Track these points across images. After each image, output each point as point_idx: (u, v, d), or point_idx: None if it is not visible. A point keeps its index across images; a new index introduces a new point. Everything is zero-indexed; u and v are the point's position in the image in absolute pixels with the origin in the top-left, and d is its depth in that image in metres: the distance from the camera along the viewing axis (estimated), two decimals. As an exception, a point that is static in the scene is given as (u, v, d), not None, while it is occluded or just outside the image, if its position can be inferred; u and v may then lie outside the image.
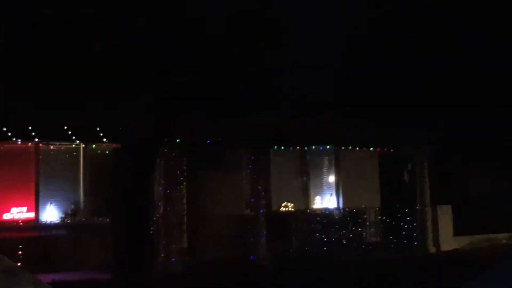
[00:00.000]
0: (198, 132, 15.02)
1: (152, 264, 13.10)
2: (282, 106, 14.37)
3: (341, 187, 18.16)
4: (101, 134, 14.08)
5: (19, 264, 13.68)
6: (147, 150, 10.24)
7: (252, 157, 15.79)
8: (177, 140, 14.74)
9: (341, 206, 18.07)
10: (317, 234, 16.94)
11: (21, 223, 14.29)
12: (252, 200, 15.78)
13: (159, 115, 10.27)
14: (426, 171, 17.86)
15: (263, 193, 15.85)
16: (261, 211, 15.65)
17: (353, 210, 17.70)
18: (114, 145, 14.64)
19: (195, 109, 12.79)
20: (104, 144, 14.89)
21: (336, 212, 17.78)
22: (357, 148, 18.23)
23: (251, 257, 15.33)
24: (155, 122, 10.12)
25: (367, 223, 17.80)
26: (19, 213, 14.49)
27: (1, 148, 14.39)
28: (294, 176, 17.95)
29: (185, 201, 15.59)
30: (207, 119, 14.06)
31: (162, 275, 13.02)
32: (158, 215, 14.78)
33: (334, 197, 18.14)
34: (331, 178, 18.25)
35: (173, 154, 14.76)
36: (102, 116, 13.51)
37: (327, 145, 18.00)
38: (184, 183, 15.44)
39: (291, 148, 17.79)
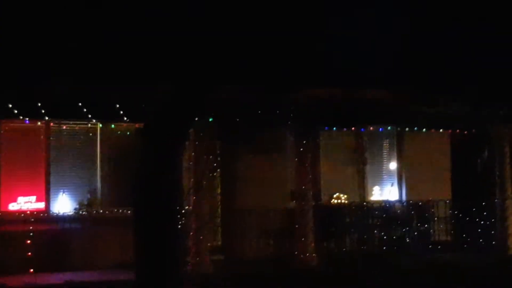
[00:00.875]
0: (234, 110, 14.96)
1: (181, 264, 13.17)
2: (334, 79, 14.16)
3: (404, 176, 17.99)
4: (121, 112, 14.15)
5: (27, 262, 13.96)
6: (174, 131, 10.18)
7: (298, 140, 15.67)
8: (210, 120, 14.74)
9: (404, 198, 17.90)
10: (375, 231, 16.83)
11: (30, 215, 14.51)
12: (298, 190, 15.69)
13: (188, 89, 10.20)
14: (507, 158, 17.47)
15: (311, 182, 15.75)
16: (308, 203, 15.55)
17: (418, 203, 17.52)
18: (136, 125, 14.72)
19: (230, 82, 12.71)
20: (124, 124, 14.99)
21: (398, 205, 17.62)
22: (424, 130, 17.97)
23: (297, 256, 15.28)
24: (183, 98, 10.06)
25: (435, 219, 17.60)
26: (27, 203, 14.71)
27: (6, 128, 14.59)
28: (348, 162, 17.80)
29: (218, 191, 15.64)
30: (245, 94, 13.97)
31: (192, 276, 13.08)
32: (187, 207, 14.87)
33: (395, 188, 17.97)
34: (392, 165, 18.07)
35: (205, 136, 14.77)
36: (122, 91, 13.54)
37: (388, 126, 17.79)
38: (218, 170, 15.47)
39: (344, 128, 17.62)
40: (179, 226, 13.93)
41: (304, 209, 15.53)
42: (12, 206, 14.59)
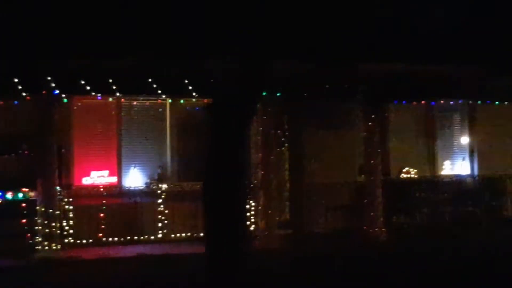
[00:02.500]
0: (302, 84, 14.86)
1: (250, 238, 13.24)
2: (404, 50, 13.89)
3: (476, 150, 17.59)
4: (190, 88, 14.24)
5: (100, 235, 14.31)
6: (242, 106, 10.17)
7: (367, 114, 15.47)
8: (277, 94, 14.69)
9: (475, 172, 17.52)
10: (446, 206, 16.54)
11: (102, 189, 14.81)
12: (366, 165, 15.53)
13: (255, 64, 10.16)
14: None
15: (380, 156, 15.56)
16: (377, 178, 15.38)
17: (490, 178, 17.11)
18: (205, 100, 14.78)
19: (298, 56, 12.62)
20: (193, 99, 15.09)
21: (469, 180, 17.28)
22: (496, 103, 17.50)
23: (365, 231, 15.17)
24: (250, 73, 10.02)
25: (508, 194, 17.17)
26: (99, 177, 15.01)
27: (79, 104, 14.86)
28: (417, 136, 17.50)
29: (286, 165, 15.61)
30: (312, 67, 13.85)
31: (261, 250, 13.14)
32: (256, 182, 14.91)
33: (467, 162, 17.60)
34: (464, 139, 17.69)
35: (273, 110, 14.74)
36: (190, 67, 13.61)
37: (459, 99, 17.39)
38: (286, 144, 15.43)
39: (414, 102, 17.30)
40: (248, 201, 14.04)
41: (373, 184, 15.37)
42: (86, 181, 14.90)
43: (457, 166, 17.63)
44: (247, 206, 13.63)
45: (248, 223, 13.34)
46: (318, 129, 16.05)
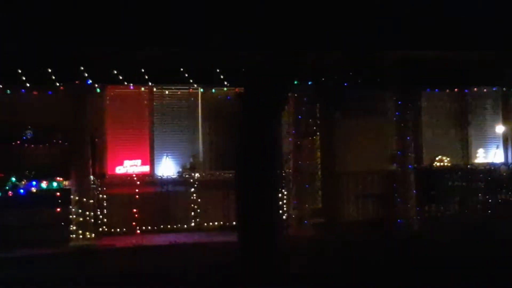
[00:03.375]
0: (334, 72, 14.78)
1: (282, 227, 13.24)
2: (436, 37, 13.70)
3: (510, 138, 17.35)
4: (222, 77, 14.23)
5: (134, 223, 14.42)
6: (273, 95, 10.14)
7: (399, 101, 15.32)
8: (309, 83, 14.63)
9: (509, 161, 17.31)
10: (480, 195, 16.36)
11: (135, 178, 14.90)
12: (399, 153, 15.40)
13: (287, 52, 10.11)
14: None
15: (412, 144, 15.42)
16: (410, 166, 15.25)
17: (525, 166, 16.91)
18: (236, 90, 14.77)
19: (329, 44, 12.51)
20: (224, 88, 15.08)
21: (503, 168, 17.04)
22: (532, 90, 17.26)
23: (398, 220, 15.06)
24: (282, 62, 9.98)
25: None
26: (132, 166, 15.10)
27: (112, 93, 14.94)
28: (450, 124, 17.31)
29: (318, 154, 15.57)
30: (344, 55, 13.74)
31: (293, 238, 13.13)
32: (288, 170, 14.89)
33: (501, 150, 17.38)
34: (498, 127, 17.46)
35: (304, 99, 14.69)
36: (222, 56, 13.60)
37: (493, 86, 17.15)
38: (318, 133, 15.38)
39: (447, 90, 17.10)
40: (280, 190, 14.02)
41: (405, 172, 15.24)
42: (119, 170, 15.01)
43: (491, 154, 17.40)
44: (279, 195, 13.60)
45: (280, 211, 13.31)
46: (350, 118, 15.95)
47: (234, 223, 12.84)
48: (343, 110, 15.87)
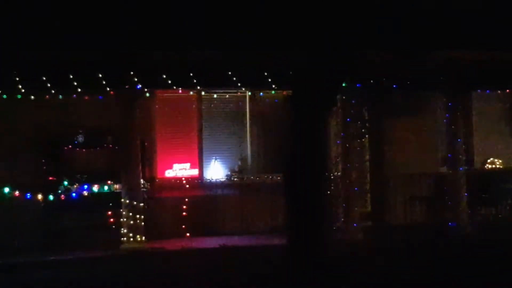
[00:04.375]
0: (382, 74, 14.64)
1: (331, 230, 13.18)
2: (488, 37, 13.47)
3: None
4: (269, 80, 14.23)
5: (183, 226, 14.51)
6: (321, 97, 10.10)
7: (449, 103, 15.10)
8: (358, 85, 14.53)
9: None
10: (533, 198, 16.05)
11: (184, 181, 15.00)
12: (449, 155, 15.17)
13: (335, 54, 10.06)
14: None
15: (463, 146, 15.17)
16: (461, 168, 15.01)
17: None
18: (284, 92, 14.78)
19: (377, 45, 12.41)
20: (272, 91, 15.08)
21: (558, 170, 16.67)
22: None
23: (449, 223, 14.84)
24: (331, 64, 9.93)
25: None
26: (181, 170, 15.20)
27: (161, 97, 15.08)
28: (502, 125, 17.00)
29: (367, 156, 15.45)
30: (393, 56, 13.61)
31: (342, 242, 13.04)
32: (336, 173, 14.82)
33: (556, 152, 17.01)
34: (554, 128, 17.10)
35: (353, 101, 14.60)
36: (270, 59, 13.59)
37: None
38: (366, 135, 15.27)
39: (498, 90, 16.79)
40: (328, 193, 13.95)
41: (456, 175, 14.99)
42: (168, 173, 15.12)
43: (546, 156, 17.05)
44: (328, 198, 13.54)
45: (329, 215, 13.24)
46: (399, 119, 15.81)
47: (282, 226, 12.82)
48: (392, 112, 15.73)
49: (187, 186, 14.90)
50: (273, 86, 14.36)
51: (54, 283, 10.94)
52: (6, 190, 13.52)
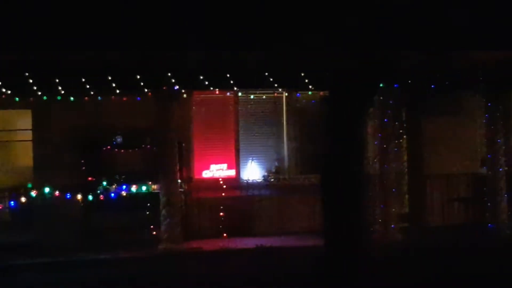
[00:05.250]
0: (420, 74, 14.51)
1: (369, 231, 13.10)
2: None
3: None
4: (306, 81, 14.20)
5: (220, 227, 14.56)
6: (359, 98, 10.05)
7: (489, 103, 14.92)
8: (395, 85, 14.43)
9: None
10: None
11: (221, 182, 15.05)
12: (489, 156, 14.98)
13: (371, 55, 10.00)
14: None
15: (503, 147, 14.97)
16: (500, 169, 14.82)
17: None
18: (321, 93, 14.74)
19: (414, 45, 12.32)
20: (309, 92, 15.06)
21: None
22: None
23: (489, 225, 14.65)
24: (368, 64, 9.88)
25: None
26: (218, 170, 15.28)
27: (198, 99, 15.17)
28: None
29: (405, 157, 15.33)
30: (431, 56, 13.48)
31: (380, 243, 12.97)
32: (374, 174, 14.72)
33: None
34: None
35: (390, 102, 14.50)
36: (307, 60, 13.56)
37: None
38: (404, 136, 15.15)
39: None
40: (366, 193, 13.87)
41: (496, 175, 14.80)
42: (205, 174, 15.21)
43: None
44: (365, 199, 13.46)
45: (366, 216, 13.17)
46: (438, 120, 15.68)
47: (319, 227, 12.78)
48: (430, 112, 15.60)
49: (224, 186, 14.95)
50: (310, 86, 14.32)
51: (93, 283, 11.08)
52: (47, 190, 13.71)
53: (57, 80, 13.02)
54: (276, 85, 14.12)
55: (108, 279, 11.17)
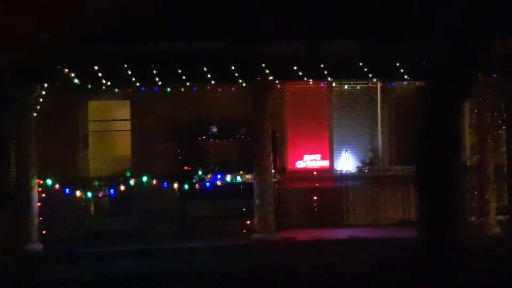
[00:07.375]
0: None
1: (465, 224, 12.85)
2: None
3: None
4: (401, 71, 14.03)
5: (313, 217, 14.57)
6: (456, 88, 9.85)
7: None
8: (494, 75, 14.05)
9: None
10: None
11: (315, 172, 15.09)
12: None
13: (469, 44, 9.78)
14: None
15: None
16: None
17: None
18: (416, 83, 14.52)
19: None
20: (404, 82, 14.86)
21: None
22: None
23: None
24: (464, 54, 9.66)
25: None
26: (312, 161, 15.31)
27: (292, 89, 15.24)
28: None
29: (504, 149, 14.92)
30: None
31: (477, 236, 12.71)
32: (471, 165, 14.41)
33: None
34: None
35: (489, 92, 14.15)
36: (402, 50, 13.38)
37: None
38: (503, 127, 14.76)
39: None
40: (463, 185, 13.59)
41: None
42: (299, 164, 15.28)
43: None
44: (462, 190, 13.20)
45: (463, 208, 12.91)
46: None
47: (413, 219, 12.64)
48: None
49: (317, 177, 14.97)
50: (405, 77, 14.13)
51: (189, 270, 11.35)
52: (145, 178, 14.11)
53: (154, 72, 13.35)
54: (370, 75, 14.01)
55: (203, 267, 11.42)
